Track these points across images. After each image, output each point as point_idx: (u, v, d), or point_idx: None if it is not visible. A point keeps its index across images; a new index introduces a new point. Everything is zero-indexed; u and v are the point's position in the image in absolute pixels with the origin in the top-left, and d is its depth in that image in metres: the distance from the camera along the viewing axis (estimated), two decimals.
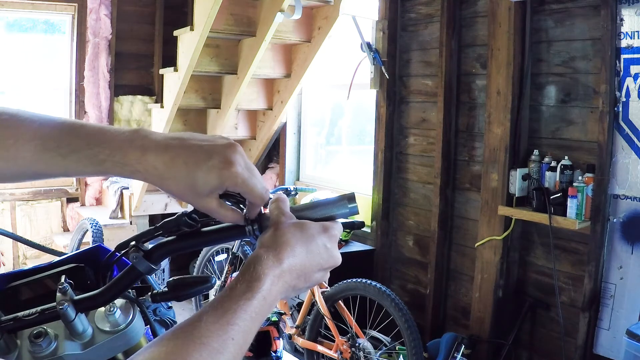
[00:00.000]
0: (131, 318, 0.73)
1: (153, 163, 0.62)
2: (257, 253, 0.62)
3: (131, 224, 4.51)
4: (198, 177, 0.62)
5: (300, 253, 0.64)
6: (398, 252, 3.74)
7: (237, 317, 0.57)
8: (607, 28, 2.49)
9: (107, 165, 0.63)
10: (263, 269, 0.61)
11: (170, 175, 0.62)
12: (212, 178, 0.62)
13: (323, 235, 0.67)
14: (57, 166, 0.63)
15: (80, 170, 0.63)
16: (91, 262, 0.86)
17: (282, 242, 0.63)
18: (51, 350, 0.69)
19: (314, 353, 3.23)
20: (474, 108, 3.21)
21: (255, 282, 0.60)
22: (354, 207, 0.72)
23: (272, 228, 0.65)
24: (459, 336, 2.99)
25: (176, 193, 0.64)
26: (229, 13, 3.74)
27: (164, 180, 0.62)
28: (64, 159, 0.63)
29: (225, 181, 0.62)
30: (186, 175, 0.62)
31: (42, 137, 0.63)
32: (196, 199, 0.63)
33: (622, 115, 2.50)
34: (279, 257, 0.62)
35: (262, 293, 0.59)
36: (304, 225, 0.66)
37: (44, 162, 0.63)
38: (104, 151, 0.62)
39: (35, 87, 4.76)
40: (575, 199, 2.57)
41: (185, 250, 0.73)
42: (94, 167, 0.63)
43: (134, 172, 0.62)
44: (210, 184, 0.62)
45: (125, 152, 0.62)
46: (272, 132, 4.65)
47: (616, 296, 2.55)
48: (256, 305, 0.59)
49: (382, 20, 3.61)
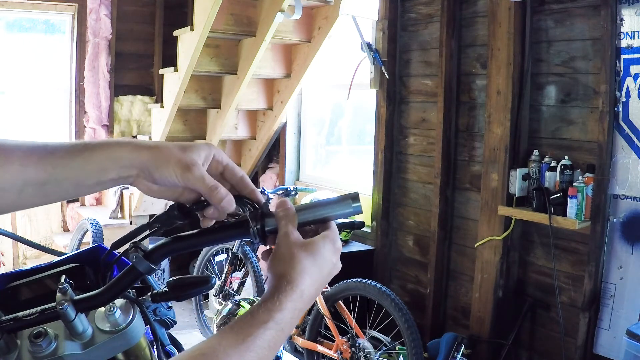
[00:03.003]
0: (131, 318, 0.73)
1: (144, 142, 0.67)
2: (278, 283, 0.64)
3: (131, 224, 4.51)
4: (187, 146, 0.67)
5: (315, 278, 0.66)
6: (398, 252, 3.74)
7: (255, 345, 0.59)
8: (607, 28, 2.48)
9: (94, 148, 0.66)
10: (286, 300, 0.63)
11: (164, 146, 0.66)
12: (200, 146, 0.68)
13: (332, 252, 0.69)
14: (45, 168, 0.64)
15: (67, 163, 0.65)
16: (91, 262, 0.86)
17: (300, 270, 0.65)
18: (51, 350, 0.69)
19: (314, 353, 3.23)
20: (474, 108, 3.21)
21: (277, 312, 0.62)
22: (358, 206, 0.72)
23: (285, 251, 0.66)
24: (459, 336, 2.99)
25: (168, 162, 0.66)
26: (229, 13, 3.74)
27: (157, 151, 0.66)
28: (52, 155, 0.65)
29: (211, 146, 0.68)
30: (180, 145, 0.67)
31: (29, 144, 0.65)
32: (189, 166, 0.66)
33: (622, 115, 2.50)
34: (300, 288, 0.64)
35: (281, 325, 0.62)
36: (316, 247, 0.68)
37: (32, 164, 0.64)
38: (94, 142, 0.66)
39: (35, 87, 4.76)
40: (575, 199, 2.57)
41: (185, 250, 0.73)
42: (80, 157, 0.65)
43: (121, 146, 0.66)
44: (197, 149, 0.67)
45: (117, 140, 0.67)
46: (272, 132, 4.65)
47: (616, 296, 2.55)
48: (274, 335, 0.61)
49: (382, 20, 3.61)
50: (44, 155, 0.64)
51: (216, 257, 4.03)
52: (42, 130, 4.86)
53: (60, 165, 0.64)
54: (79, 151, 0.65)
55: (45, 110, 4.87)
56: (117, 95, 4.92)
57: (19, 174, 0.64)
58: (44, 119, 4.88)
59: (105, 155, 0.65)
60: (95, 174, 0.65)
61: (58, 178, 0.65)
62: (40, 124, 4.86)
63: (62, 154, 0.65)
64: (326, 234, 0.70)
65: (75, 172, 0.65)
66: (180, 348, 0.90)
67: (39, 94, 4.80)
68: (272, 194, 3.55)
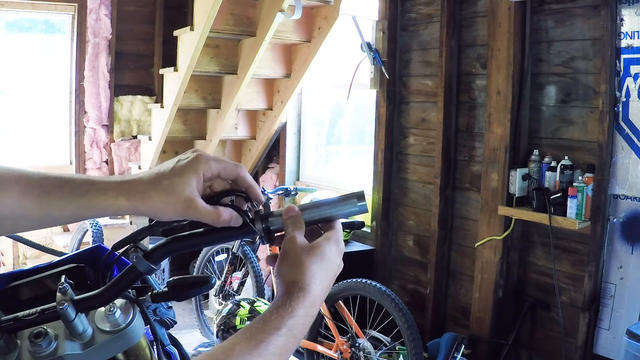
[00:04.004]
0: (131, 318, 0.73)
1: (137, 186, 0.66)
2: (290, 290, 0.65)
3: (131, 224, 4.51)
4: (176, 180, 0.65)
5: (324, 282, 0.67)
6: (398, 252, 3.74)
7: (267, 352, 0.60)
8: (607, 28, 2.48)
9: (91, 195, 0.65)
10: (298, 307, 0.64)
11: (155, 190, 0.65)
12: (188, 174, 0.65)
13: (337, 254, 0.70)
14: (41, 205, 0.65)
15: (64, 206, 0.66)
16: (91, 262, 0.86)
17: (310, 276, 0.66)
18: (51, 350, 0.69)
19: (314, 353, 3.23)
20: (474, 108, 3.21)
21: (290, 319, 0.63)
22: (364, 205, 0.71)
23: (293, 257, 0.67)
24: (459, 336, 2.99)
25: (166, 207, 0.66)
26: (229, 13, 3.74)
27: (150, 199, 0.65)
28: (48, 196, 0.65)
29: (199, 165, 0.66)
30: (168, 182, 0.65)
31: (26, 179, 0.66)
32: (188, 206, 0.65)
33: (622, 115, 2.50)
34: (312, 295, 0.65)
35: (293, 331, 0.62)
36: (323, 250, 0.68)
37: (29, 201, 0.65)
38: (88, 184, 0.66)
39: (35, 87, 4.76)
40: (575, 199, 2.57)
41: (185, 250, 0.73)
42: (78, 201, 0.65)
43: (116, 195, 0.66)
44: (188, 181, 0.65)
45: (110, 183, 0.66)
46: (272, 132, 4.65)
47: (616, 296, 2.55)
48: (286, 341, 0.62)
49: (382, 20, 3.61)
50: (40, 194, 0.66)
51: (216, 257, 4.03)
52: (42, 130, 4.86)
53: (57, 207, 0.66)
54: (76, 196, 0.66)
55: (45, 110, 4.86)
56: (117, 95, 4.92)
57: (16, 207, 0.65)
58: (44, 119, 4.87)
59: (102, 205, 0.66)
60: (93, 215, 0.68)
61: (54, 216, 0.67)
62: (40, 124, 4.86)
63: (60, 195, 0.66)
64: (330, 236, 0.70)
65: (72, 212, 0.67)
66: (180, 348, 0.90)
67: (39, 94, 4.80)
68: (272, 194, 3.55)
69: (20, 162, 4.52)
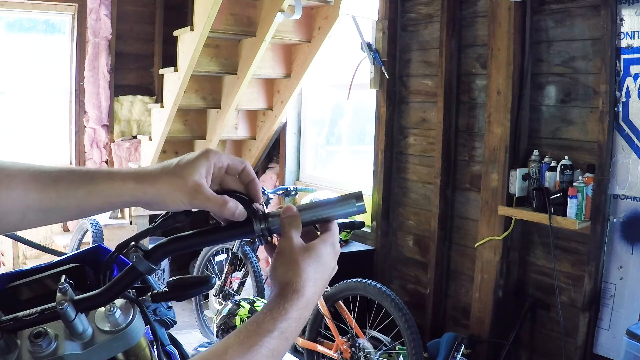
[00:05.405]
0: (131, 318, 0.73)
1: (146, 171, 0.67)
2: (284, 291, 0.65)
3: (131, 224, 4.51)
4: (186, 165, 0.66)
5: (318, 284, 0.67)
6: (398, 252, 3.74)
7: (260, 354, 0.60)
8: (607, 28, 2.48)
9: (97, 180, 0.66)
10: (292, 309, 0.64)
11: (164, 173, 0.66)
12: (199, 160, 0.66)
13: (332, 257, 0.70)
14: (48, 195, 0.65)
15: (71, 193, 0.66)
16: (91, 262, 0.86)
17: (305, 278, 0.66)
18: (51, 350, 0.69)
19: (314, 353, 3.23)
20: (474, 108, 3.21)
21: (283, 321, 0.63)
22: (362, 205, 0.71)
23: (288, 258, 0.67)
24: (459, 336, 2.99)
25: (173, 190, 0.66)
26: (229, 13, 3.74)
27: (159, 181, 0.66)
28: (55, 184, 0.65)
29: (210, 154, 0.67)
30: (178, 167, 0.66)
31: (32, 171, 0.66)
32: (195, 190, 0.66)
33: (622, 115, 2.50)
34: (306, 297, 0.65)
35: (285, 334, 0.62)
36: (318, 252, 0.68)
37: (35, 191, 0.65)
38: (94, 171, 0.67)
39: (35, 87, 4.76)
40: (575, 199, 2.57)
41: (185, 250, 0.73)
42: (84, 188, 0.66)
43: (124, 179, 0.66)
44: (197, 166, 0.66)
45: (117, 169, 0.67)
46: (272, 132, 4.65)
47: (616, 296, 2.55)
48: (278, 344, 0.62)
49: (382, 20, 3.61)
50: (47, 182, 0.65)
51: (216, 257, 4.03)
52: (42, 130, 4.86)
53: (63, 195, 0.66)
54: (82, 183, 0.66)
55: (45, 110, 4.86)
56: (117, 95, 4.92)
57: (22, 199, 0.65)
58: (44, 119, 4.87)
59: (109, 191, 0.66)
60: (98, 205, 0.67)
61: (61, 206, 0.66)
62: (40, 124, 4.86)
63: (66, 183, 0.66)
64: (326, 237, 0.70)
65: (78, 202, 0.66)
66: (180, 348, 0.90)
67: (39, 94, 4.80)
68: (272, 194, 3.55)
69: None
